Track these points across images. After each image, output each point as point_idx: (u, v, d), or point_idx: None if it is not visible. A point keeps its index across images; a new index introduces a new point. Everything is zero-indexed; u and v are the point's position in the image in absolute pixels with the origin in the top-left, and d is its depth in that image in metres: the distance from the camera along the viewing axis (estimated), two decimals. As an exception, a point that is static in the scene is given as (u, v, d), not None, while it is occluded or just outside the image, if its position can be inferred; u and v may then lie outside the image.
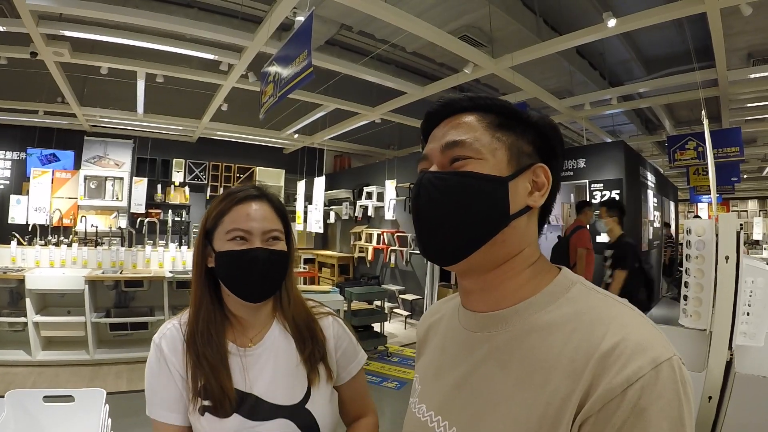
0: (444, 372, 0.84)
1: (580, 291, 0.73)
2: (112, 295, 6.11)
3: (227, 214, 1.18)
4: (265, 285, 1.18)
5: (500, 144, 0.76)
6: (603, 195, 6.87)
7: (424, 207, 0.77)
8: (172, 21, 5.21)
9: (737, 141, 7.88)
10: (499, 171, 0.74)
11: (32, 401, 1.86)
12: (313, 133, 10.80)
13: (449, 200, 0.74)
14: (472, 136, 0.76)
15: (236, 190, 1.23)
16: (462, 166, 0.75)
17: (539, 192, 0.77)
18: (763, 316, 2.11)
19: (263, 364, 1.19)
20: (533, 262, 0.78)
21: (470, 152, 0.75)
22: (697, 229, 2.20)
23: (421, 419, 0.84)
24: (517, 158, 0.76)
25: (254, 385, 1.16)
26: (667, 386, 0.57)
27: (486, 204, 0.73)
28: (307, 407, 1.17)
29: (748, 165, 13.89)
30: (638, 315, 0.67)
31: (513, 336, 0.72)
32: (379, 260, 9.59)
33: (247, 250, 1.14)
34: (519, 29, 5.73)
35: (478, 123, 0.78)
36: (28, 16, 4.86)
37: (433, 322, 0.99)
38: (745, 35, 5.87)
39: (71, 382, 5.04)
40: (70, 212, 9.48)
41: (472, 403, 0.73)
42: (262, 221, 1.18)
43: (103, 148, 10.35)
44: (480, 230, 0.73)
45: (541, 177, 0.77)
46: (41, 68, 6.52)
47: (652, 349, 0.59)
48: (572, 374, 0.61)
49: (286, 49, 4.31)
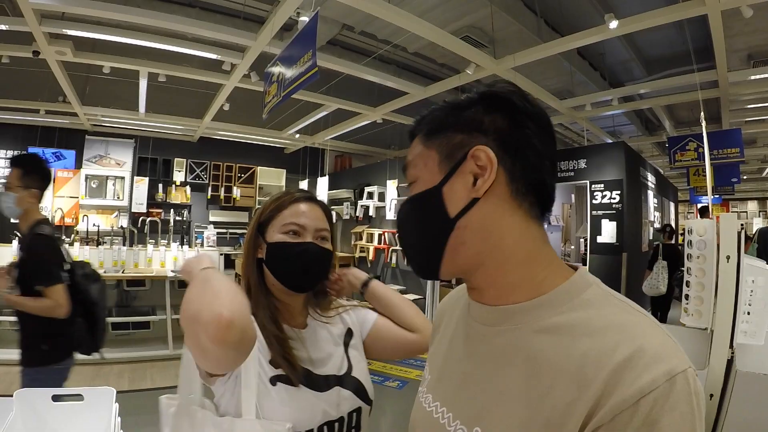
0: (451, 363, 0.84)
1: (596, 294, 0.70)
2: (114, 295, 6.13)
3: (285, 209, 1.27)
4: (311, 277, 1.27)
5: (430, 152, 0.77)
6: (603, 195, 6.88)
7: (399, 235, 0.86)
8: (174, 20, 5.22)
9: (737, 142, 7.90)
10: (432, 180, 0.75)
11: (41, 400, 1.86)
12: (314, 133, 10.82)
13: (406, 225, 0.82)
14: (412, 156, 0.81)
15: (293, 191, 1.33)
16: (412, 191, 0.79)
17: (482, 178, 0.71)
18: (763, 315, 2.12)
19: (315, 343, 1.29)
20: (528, 254, 0.74)
21: (413, 173, 0.80)
22: (699, 229, 2.22)
23: (427, 409, 0.83)
24: (448, 157, 0.74)
25: (312, 360, 1.24)
26: (681, 399, 0.56)
27: (426, 218, 0.76)
28: (354, 375, 1.29)
29: (748, 166, 13.88)
30: (654, 323, 0.65)
31: (522, 334, 0.70)
32: (380, 260, 9.59)
33: (300, 243, 1.24)
34: (520, 30, 5.74)
35: (418, 140, 0.81)
36: (31, 15, 4.88)
37: (447, 310, 0.99)
38: (745, 36, 5.88)
39: (74, 381, 5.01)
40: (71, 211, 9.50)
41: (478, 398, 0.72)
42: (315, 220, 1.27)
43: (105, 148, 10.36)
44: (431, 243, 0.76)
45: (482, 160, 0.71)
46: (43, 67, 6.52)
47: (668, 360, 0.58)
48: (580, 381, 0.60)
49: (291, 49, 4.33)
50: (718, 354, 2.10)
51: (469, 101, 0.77)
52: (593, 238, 7.04)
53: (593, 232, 7.04)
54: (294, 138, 11.20)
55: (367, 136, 10.67)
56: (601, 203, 6.91)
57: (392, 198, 8.94)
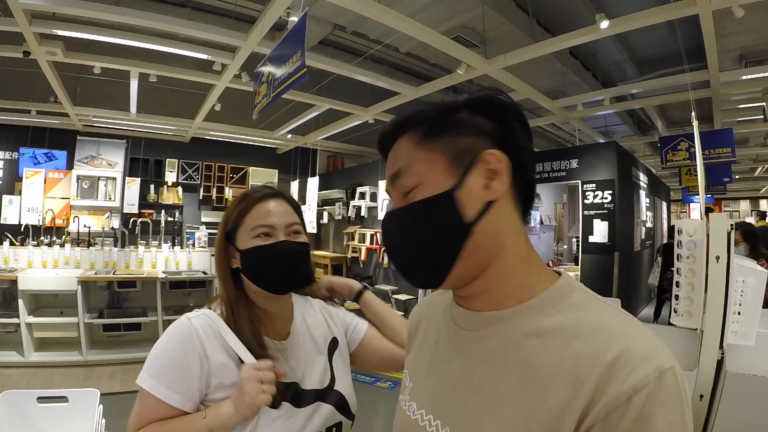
0: (436, 370, 0.83)
1: (582, 297, 0.71)
2: (105, 296, 6.10)
3: (248, 213, 1.22)
4: (292, 276, 1.23)
5: (435, 154, 0.74)
6: (595, 195, 6.89)
7: (392, 246, 0.80)
8: (165, 20, 5.19)
9: (729, 142, 7.93)
10: (443, 184, 0.72)
11: (26, 402, 1.86)
12: (306, 133, 10.80)
13: (409, 235, 0.76)
14: (407, 161, 0.76)
15: (252, 191, 1.28)
16: (413, 197, 0.74)
17: (497, 180, 0.72)
18: (753, 316, 2.13)
19: (297, 354, 1.26)
20: (523, 256, 0.75)
21: (412, 178, 0.75)
22: (688, 229, 2.21)
23: (411, 417, 0.82)
24: (458, 159, 0.73)
25: (294, 374, 1.21)
26: (671, 394, 0.58)
27: (439, 225, 0.72)
28: (336, 388, 1.27)
29: (740, 165, 13.98)
30: (639, 324, 0.67)
31: (511, 338, 0.71)
32: (372, 260, 9.60)
33: (274, 244, 1.20)
34: (512, 30, 5.74)
35: (409, 143, 0.77)
36: (21, 15, 4.84)
37: (425, 317, 0.97)
38: (737, 36, 5.91)
39: (65, 383, 5.02)
40: (62, 212, 9.44)
41: (469, 404, 0.72)
42: (284, 215, 1.23)
43: (96, 148, 10.30)
44: (445, 251, 0.72)
45: (492, 163, 0.72)
46: (34, 67, 6.48)
47: (656, 358, 0.60)
48: (574, 382, 0.61)
49: (280, 49, 4.31)
50: (708, 355, 2.10)
51: (461, 103, 0.76)
52: (585, 238, 7.04)
53: (585, 231, 7.05)
54: (286, 138, 11.17)
55: (359, 136, 10.65)
56: (593, 203, 6.91)
57: (384, 198, 8.94)
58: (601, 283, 6.66)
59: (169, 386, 1.09)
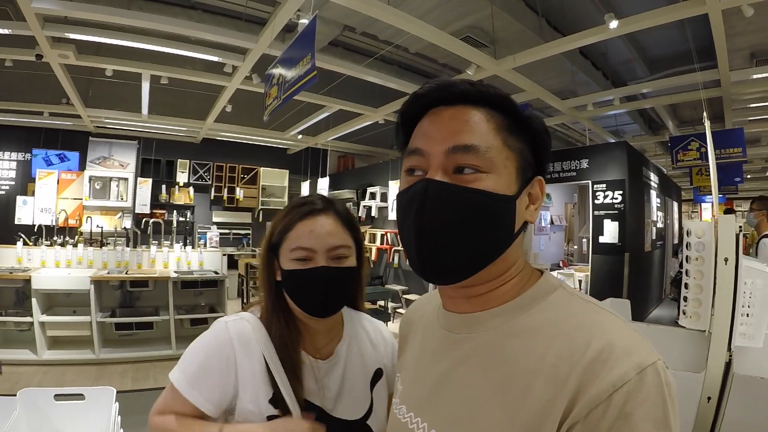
0: (423, 372, 0.83)
1: (562, 296, 0.72)
2: (118, 295, 6.15)
3: (291, 230, 1.15)
4: (328, 303, 1.15)
5: (510, 153, 0.71)
6: (606, 195, 6.86)
7: (429, 223, 0.70)
8: (176, 23, 5.24)
9: (740, 141, 7.85)
10: (509, 187, 0.71)
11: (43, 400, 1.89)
12: (316, 134, 10.82)
13: (459, 219, 0.69)
14: (485, 142, 0.70)
15: (300, 203, 1.19)
16: (473, 181, 0.69)
17: (534, 206, 0.74)
18: (761, 318, 2.12)
19: (334, 378, 1.19)
20: (521, 270, 0.77)
21: (482, 163, 0.69)
22: (697, 231, 2.21)
23: (401, 420, 0.82)
24: (523, 171, 0.73)
25: (323, 397, 1.15)
26: (652, 390, 0.57)
27: (496, 225, 0.70)
28: (368, 423, 1.18)
29: (751, 165, 13.80)
30: (620, 321, 0.66)
31: (493, 338, 0.71)
32: (382, 260, 9.60)
33: (311, 270, 1.11)
34: (521, 30, 5.73)
35: (488, 124, 0.71)
36: (34, 19, 4.90)
37: (415, 320, 0.97)
38: (747, 35, 5.85)
39: (77, 381, 5.07)
40: (75, 213, 9.54)
41: (452, 405, 0.72)
42: (327, 237, 1.13)
43: (108, 149, 10.38)
44: (487, 251, 0.71)
45: (536, 190, 0.75)
46: (46, 70, 6.54)
47: (637, 354, 0.59)
48: (555, 380, 0.61)
49: (290, 52, 4.33)
50: (716, 357, 2.10)
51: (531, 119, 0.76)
52: (595, 238, 7.01)
53: (595, 232, 7.01)
54: (296, 139, 11.19)
55: (370, 136, 10.66)
56: (603, 203, 6.88)
57: (394, 198, 8.94)
58: (611, 283, 6.63)
59: (195, 387, 1.09)
